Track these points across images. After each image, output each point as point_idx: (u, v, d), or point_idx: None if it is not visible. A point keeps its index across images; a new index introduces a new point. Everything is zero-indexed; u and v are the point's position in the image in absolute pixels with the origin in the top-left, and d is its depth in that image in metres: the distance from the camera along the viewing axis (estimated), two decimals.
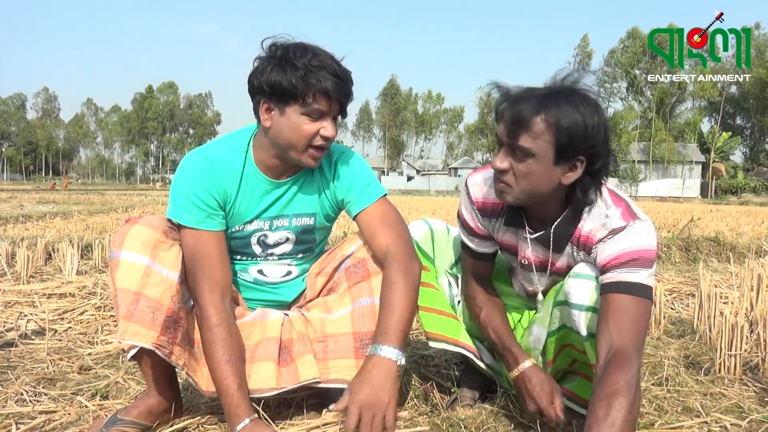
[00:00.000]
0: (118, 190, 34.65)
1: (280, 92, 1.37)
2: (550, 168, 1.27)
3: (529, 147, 1.25)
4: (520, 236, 1.49)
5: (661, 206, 18.41)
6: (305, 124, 1.40)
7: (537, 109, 1.23)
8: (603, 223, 1.35)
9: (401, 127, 75.78)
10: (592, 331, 1.37)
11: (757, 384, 1.91)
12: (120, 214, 9.51)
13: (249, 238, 1.56)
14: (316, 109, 1.39)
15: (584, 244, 1.39)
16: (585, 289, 1.37)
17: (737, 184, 42.79)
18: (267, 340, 1.52)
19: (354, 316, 1.52)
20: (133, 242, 1.38)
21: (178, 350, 1.41)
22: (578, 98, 1.25)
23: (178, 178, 1.47)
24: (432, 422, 1.56)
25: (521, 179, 1.30)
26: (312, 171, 1.56)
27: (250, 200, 1.51)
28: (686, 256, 5.26)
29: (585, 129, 1.23)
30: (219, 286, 1.44)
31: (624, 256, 1.29)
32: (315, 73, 1.36)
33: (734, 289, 3.22)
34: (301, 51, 1.38)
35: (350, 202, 1.56)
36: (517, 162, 1.28)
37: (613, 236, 1.32)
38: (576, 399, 1.56)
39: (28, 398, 1.71)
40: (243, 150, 1.51)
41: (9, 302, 2.86)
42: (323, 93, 1.37)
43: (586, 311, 1.37)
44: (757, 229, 7.67)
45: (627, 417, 1.13)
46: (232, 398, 1.36)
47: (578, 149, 1.25)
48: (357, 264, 1.55)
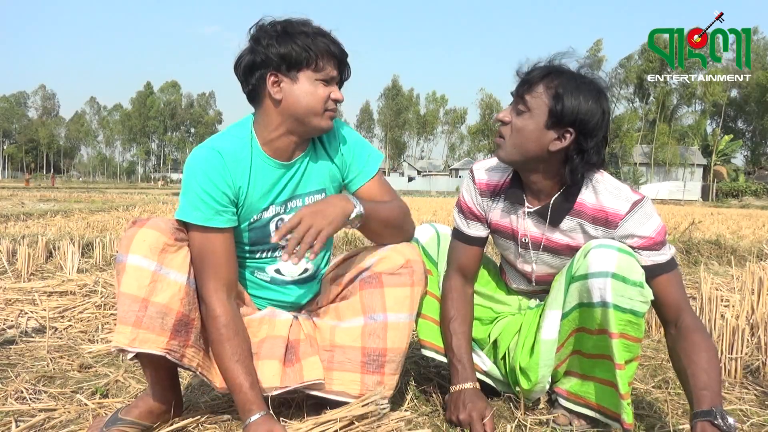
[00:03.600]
0: (119, 188, 34.66)
1: (291, 61, 1.40)
2: (541, 130, 1.41)
3: (527, 103, 1.41)
4: (519, 214, 1.56)
5: (662, 209, 18.39)
6: (319, 89, 1.43)
7: (544, 75, 1.41)
8: (618, 195, 1.45)
9: (403, 128, 75.82)
10: (617, 303, 1.36)
11: (757, 387, 1.91)
12: (121, 212, 9.52)
13: (267, 226, 1.55)
14: (327, 73, 1.43)
15: (606, 220, 1.45)
16: (608, 258, 1.38)
17: (738, 187, 42.70)
18: (274, 338, 1.52)
19: (365, 331, 1.50)
20: (140, 246, 1.35)
21: (191, 352, 1.41)
22: (586, 81, 1.40)
23: (187, 174, 1.45)
24: (432, 423, 1.56)
25: (515, 133, 1.44)
26: (315, 147, 1.57)
27: (262, 188, 1.50)
28: (687, 258, 5.25)
29: (579, 103, 1.37)
30: (225, 284, 1.44)
31: (652, 240, 1.42)
32: (321, 39, 1.42)
33: (735, 293, 3.22)
34: (298, 22, 1.44)
35: (352, 177, 1.60)
36: (516, 116, 1.44)
37: (634, 214, 1.42)
38: (573, 398, 1.55)
39: (28, 396, 1.71)
40: (248, 138, 1.50)
41: (9, 300, 2.86)
42: (332, 56, 1.43)
43: (613, 278, 1.37)
44: (758, 233, 7.66)
45: (717, 363, 1.39)
46: (246, 395, 1.37)
47: (569, 119, 1.38)
48: (372, 276, 1.53)
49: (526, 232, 1.56)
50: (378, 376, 1.49)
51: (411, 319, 1.53)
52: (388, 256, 1.53)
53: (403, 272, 1.51)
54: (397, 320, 1.49)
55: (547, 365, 1.55)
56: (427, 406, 1.69)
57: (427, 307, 1.66)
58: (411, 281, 1.52)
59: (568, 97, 1.37)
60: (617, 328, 1.38)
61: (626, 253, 1.40)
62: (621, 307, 1.37)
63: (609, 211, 1.45)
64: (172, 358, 1.36)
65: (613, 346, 1.39)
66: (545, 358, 1.54)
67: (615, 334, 1.38)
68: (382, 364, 1.49)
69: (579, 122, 1.38)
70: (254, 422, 1.35)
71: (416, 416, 1.61)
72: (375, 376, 1.49)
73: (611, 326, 1.38)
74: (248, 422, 1.35)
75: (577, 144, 1.41)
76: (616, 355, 1.39)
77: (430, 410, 1.66)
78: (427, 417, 1.62)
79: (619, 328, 1.38)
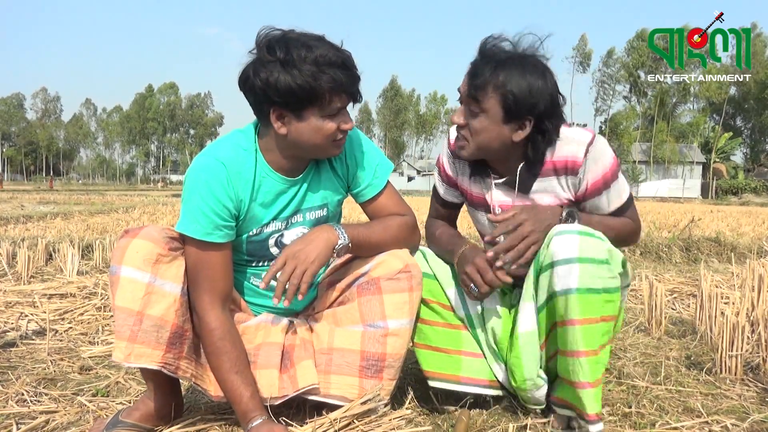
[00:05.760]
0: (119, 190, 34.62)
1: (295, 99, 1.31)
2: (500, 126, 1.44)
3: (480, 105, 1.42)
4: (488, 185, 1.60)
5: (661, 206, 18.39)
6: (326, 124, 1.37)
7: (490, 73, 1.40)
8: (576, 141, 1.49)
9: (401, 128, 75.79)
10: (586, 285, 1.34)
11: (758, 384, 1.91)
12: (121, 214, 9.50)
13: (266, 240, 1.53)
14: (335, 107, 1.36)
15: (566, 167, 1.50)
16: (570, 243, 1.36)
17: (738, 185, 42.74)
18: (270, 345, 1.50)
19: (364, 336, 1.48)
20: (133, 258, 1.33)
21: (185, 363, 1.40)
22: (528, 64, 1.42)
23: (189, 184, 1.40)
24: (433, 422, 1.56)
25: (475, 135, 1.46)
26: (317, 161, 1.53)
27: (264, 201, 1.47)
28: (687, 256, 5.26)
29: (530, 93, 1.39)
30: (221, 298, 1.42)
31: (611, 171, 1.50)
32: (326, 71, 1.29)
33: (735, 290, 3.22)
34: (302, 44, 1.30)
35: (360, 190, 1.57)
36: (472, 118, 1.45)
37: (591, 154, 1.48)
38: (567, 405, 1.48)
39: (28, 398, 1.71)
40: (252, 150, 1.45)
41: (10, 302, 2.86)
42: (338, 90, 1.33)
43: (579, 262, 1.35)
44: (758, 230, 7.66)
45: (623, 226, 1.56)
46: (247, 405, 1.37)
47: (524, 110, 1.41)
48: (370, 281, 1.51)
49: (496, 203, 1.59)
50: (376, 381, 1.48)
51: (411, 325, 1.51)
52: (385, 261, 1.50)
53: (402, 277, 1.49)
54: (397, 327, 1.48)
55: (530, 359, 1.49)
56: (428, 405, 1.69)
57: (422, 336, 1.61)
58: (410, 286, 1.49)
59: (518, 88, 1.38)
60: (593, 313, 1.35)
61: (586, 234, 1.38)
62: (594, 289, 1.35)
63: (568, 158, 1.49)
64: (167, 371, 1.36)
65: (578, 334, 1.35)
66: (526, 351, 1.49)
67: (577, 320, 1.35)
68: (380, 369, 1.48)
69: (535, 108, 1.41)
70: (255, 426, 1.35)
71: (417, 415, 1.60)
72: (373, 380, 1.48)
73: (575, 313, 1.35)
74: (250, 427, 1.35)
75: (538, 126, 1.44)
76: (584, 342, 1.35)
77: (431, 409, 1.66)
78: (427, 416, 1.61)
79: (597, 312, 1.35)
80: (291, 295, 1.37)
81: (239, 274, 1.57)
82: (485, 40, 1.47)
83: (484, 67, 1.41)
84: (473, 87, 1.42)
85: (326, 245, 1.41)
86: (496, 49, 1.45)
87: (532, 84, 1.39)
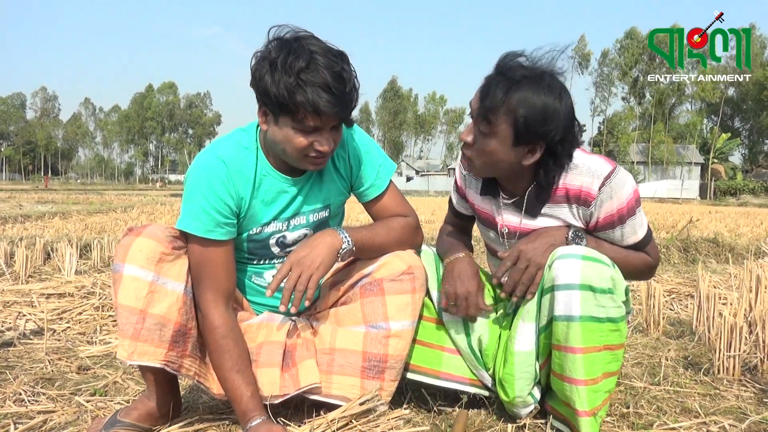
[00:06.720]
0: (117, 189, 34.60)
1: (272, 102, 1.29)
2: (509, 149, 1.37)
3: (490, 128, 1.36)
4: (498, 204, 1.57)
5: (660, 207, 18.41)
6: (297, 137, 1.32)
7: (503, 94, 1.32)
8: (592, 173, 1.42)
9: (401, 128, 75.81)
10: (590, 313, 1.32)
11: (755, 385, 1.91)
12: (119, 214, 9.50)
13: (267, 240, 1.53)
14: (307, 125, 1.30)
15: (579, 198, 1.44)
16: (572, 268, 1.34)
17: (736, 186, 42.75)
18: (272, 344, 1.50)
19: (367, 338, 1.48)
20: (136, 256, 1.34)
21: (189, 362, 1.40)
22: (544, 85, 1.33)
23: (190, 182, 1.41)
24: (432, 422, 1.56)
25: (483, 156, 1.40)
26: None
27: (265, 201, 1.47)
28: (685, 257, 5.26)
29: (543, 118, 1.31)
30: (224, 296, 1.42)
31: (626, 207, 1.43)
32: (305, 89, 1.24)
33: (733, 290, 3.23)
34: (296, 58, 1.25)
35: (363, 190, 1.57)
36: (482, 138, 1.39)
37: (605, 187, 1.41)
38: (563, 419, 1.46)
39: (26, 398, 1.71)
40: (253, 148, 1.46)
41: (7, 302, 2.86)
42: (311, 111, 1.27)
43: (580, 290, 1.33)
44: (756, 231, 7.67)
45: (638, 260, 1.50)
46: (247, 405, 1.37)
47: (536, 135, 1.34)
48: (373, 282, 1.51)
49: (504, 222, 1.56)
50: (378, 382, 1.48)
51: (413, 327, 1.51)
52: (389, 262, 1.50)
53: (405, 278, 1.49)
54: (399, 328, 1.48)
55: (523, 378, 1.48)
56: (427, 405, 1.69)
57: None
58: (412, 287, 1.49)
59: (532, 113, 1.31)
60: (596, 341, 1.33)
61: (591, 259, 1.35)
62: (597, 318, 1.34)
63: (582, 189, 1.43)
64: (170, 369, 1.36)
65: (578, 362, 1.34)
66: (520, 370, 1.48)
67: (579, 349, 1.33)
68: (382, 370, 1.48)
69: (547, 134, 1.34)
70: (254, 426, 1.35)
71: (415, 415, 1.61)
72: (375, 381, 1.48)
73: (576, 341, 1.34)
74: (249, 427, 1.35)
75: (549, 150, 1.38)
76: (585, 371, 1.34)
77: (430, 410, 1.66)
78: (425, 416, 1.61)
79: (600, 341, 1.34)
80: (298, 302, 1.37)
81: (241, 273, 1.58)
82: (505, 55, 1.40)
83: (497, 86, 1.33)
84: (484, 108, 1.35)
85: (330, 250, 1.41)
86: (512, 65, 1.37)
87: (546, 108, 1.31)
